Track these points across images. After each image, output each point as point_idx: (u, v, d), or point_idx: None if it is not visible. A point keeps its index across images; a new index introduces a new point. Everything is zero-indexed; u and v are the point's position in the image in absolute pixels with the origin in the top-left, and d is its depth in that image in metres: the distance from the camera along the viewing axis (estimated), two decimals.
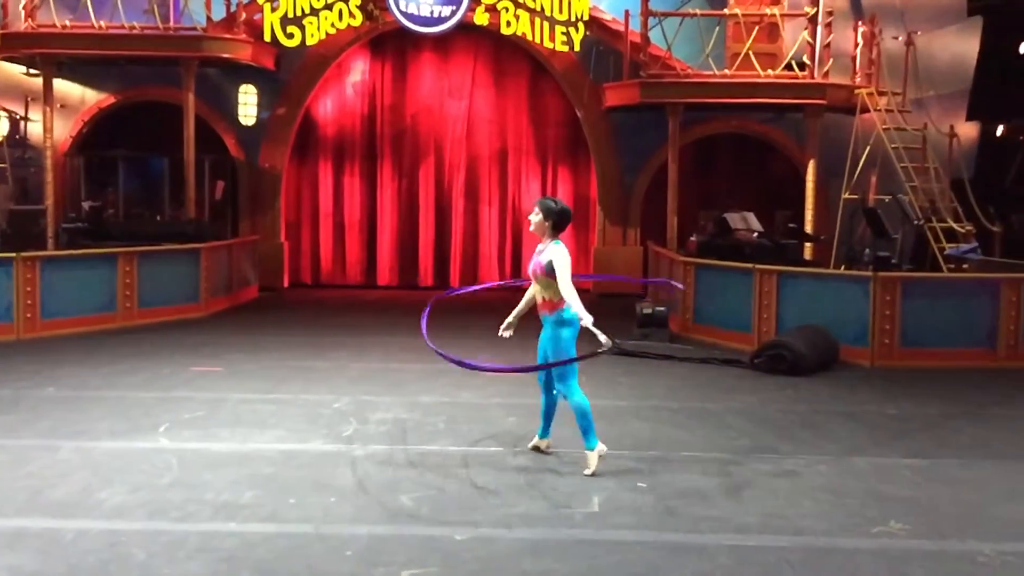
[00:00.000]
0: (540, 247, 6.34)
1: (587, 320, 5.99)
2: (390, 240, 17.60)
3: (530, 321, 6.66)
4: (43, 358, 10.13)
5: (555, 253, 6.18)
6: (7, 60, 15.07)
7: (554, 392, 6.51)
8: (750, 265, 11.67)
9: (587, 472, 6.28)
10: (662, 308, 11.94)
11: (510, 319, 6.64)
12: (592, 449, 6.34)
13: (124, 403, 8.17)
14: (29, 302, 11.30)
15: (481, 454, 6.78)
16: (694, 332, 12.12)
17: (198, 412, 7.89)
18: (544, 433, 6.77)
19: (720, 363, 10.45)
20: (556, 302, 6.22)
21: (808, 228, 14.82)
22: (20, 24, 14.56)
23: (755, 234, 13.67)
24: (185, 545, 5.01)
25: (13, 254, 11.40)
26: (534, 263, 6.33)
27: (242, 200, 16.73)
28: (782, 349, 9.99)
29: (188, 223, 14.51)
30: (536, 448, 6.78)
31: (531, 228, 6.41)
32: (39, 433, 7.20)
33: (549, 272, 6.18)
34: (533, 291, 6.46)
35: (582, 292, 6.34)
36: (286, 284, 17.04)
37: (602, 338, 5.90)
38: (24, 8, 14.53)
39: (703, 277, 12.29)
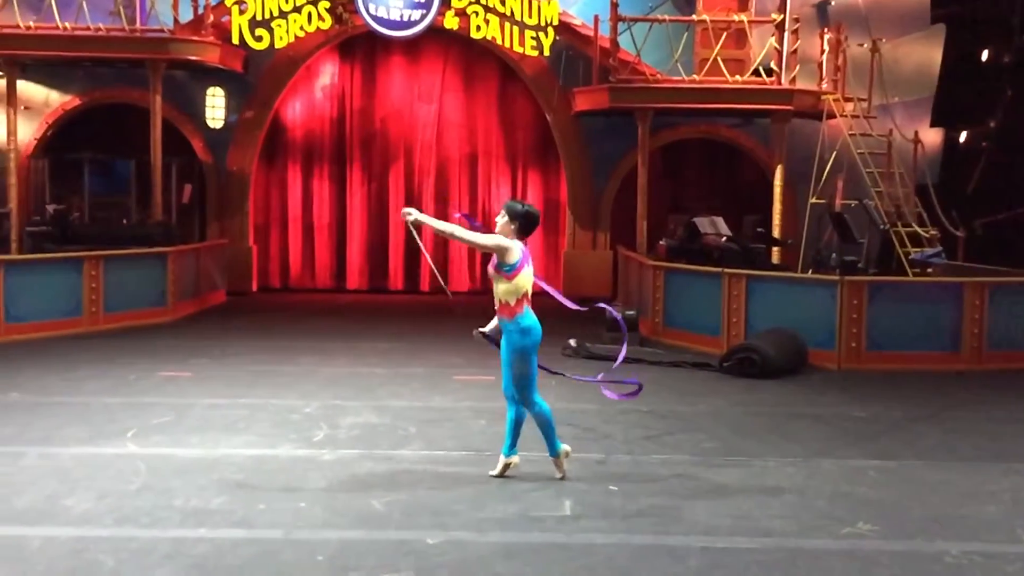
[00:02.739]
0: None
1: (413, 216, 6.01)
2: (359, 244, 17.53)
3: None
4: (6, 363, 9.98)
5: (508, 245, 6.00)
6: None
7: (523, 406, 6.22)
8: (719, 269, 11.76)
9: (558, 476, 6.28)
10: (632, 312, 11.98)
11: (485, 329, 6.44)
12: (556, 455, 6.30)
13: (90, 409, 8.07)
14: None
15: (452, 458, 6.77)
16: (664, 335, 12.19)
17: (166, 417, 7.81)
18: (511, 450, 6.28)
19: (690, 366, 10.51)
20: (513, 307, 6.11)
21: (776, 232, 14.96)
22: None
23: (724, 238, 13.77)
24: (154, 552, 4.96)
25: None
26: (490, 265, 6.20)
27: (210, 203, 16.58)
28: (751, 352, 10.07)
29: (155, 226, 14.35)
30: (504, 468, 6.24)
31: (496, 230, 6.18)
32: (3, 439, 7.09)
33: (500, 268, 6.06)
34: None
35: (535, 296, 6.26)
36: (255, 288, 16.90)
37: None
38: None
39: (672, 281, 12.36)
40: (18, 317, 11.35)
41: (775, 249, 14.85)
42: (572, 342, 11.18)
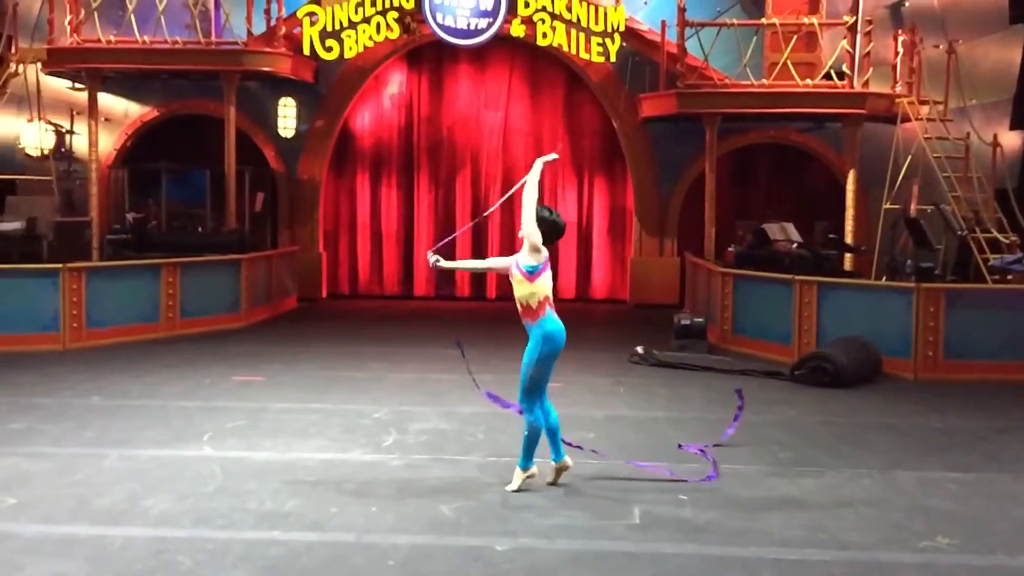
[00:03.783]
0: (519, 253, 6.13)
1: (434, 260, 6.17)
2: (427, 250, 17.62)
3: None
4: (88, 367, 10.30)
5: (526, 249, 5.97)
6: (53, 75, 15.36)
7: (547, 407, 6.23)
8: (789, 276, 11.58)
9: (508, 488, 6.12)
10: (700, 319, 11.88)
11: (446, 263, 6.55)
12: (525, 469, 6.14)
13: (168, 412, 8.28)
14: (75, 312, 11.49)
15: (537, 475, 6.75)
16: (733, 343, 12.05)
17: (240, 421, 7.97)
18: (558, 455, 6.26)
19: (760, 375, 10.37)
20: (535, 309, 6.04)
21: (848, 239, 14.66)
22: (66, 40, 14.84)
23: (794, 245, 13.55)
24: (230, 553, 5.07)
25: (59, 265, 11.61)
26: (514, 264, 6.12)
27: (281, 211, 16.91)
28: (823, 361, 9.90)
29: (229, 234, 14.68)
30: (558, 475, 6.25)
31: (520, 233, 6.13)
32: (85, 442, 7.32)
33: (523, 269, 6.01)
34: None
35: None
36: (324, 294, 17.17)
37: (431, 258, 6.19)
38: (69, 24, 14.80)
39: (741, 288, 12.22)
40: (99, 322, 11.70)
41: (847, 256, 14.56)
42: (639, 349, 11.11)
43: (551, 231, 6.12)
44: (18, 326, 11.27)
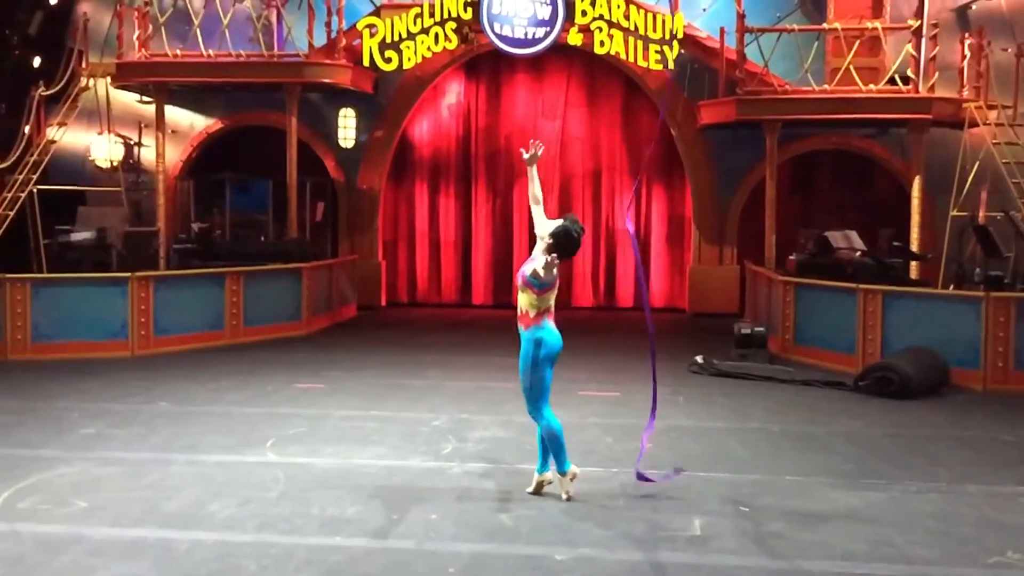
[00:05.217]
0: (533, 256, 6.09)
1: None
2: (485, 259, 17.75)
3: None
4: (155, 374, 10.54)
5: (541, 260, 5.91)
6: (122, 88, 15.80)
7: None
8: (853, 285, 11.38)
9: (564, 497, 6.09)
10: (761, 328, 11.73)
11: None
12: (564, 473, 6.12)
13: (232, 419, 8.44)
14: (143, 320, 11.78)
15: (579, 474, 6.75)
16: (794, 353, 11.87)
17: (302, 428, 8.09)
18: (543, 466, 6.24)
19: (823, 385, 10.20)
20: (533, 318, 6.00)
21: (914, 247, 14.36)
22: (134, 54, 15.26)
23: (858, 253, 13.32)
24: (293, 558, 5.14)
25: (128, 274, 11.91)
26: (521, 271, 6.09)
27: (341, 221, 17.13)
28: (889, 371, 9.70)
29: (290, 243, 14.93)
30: (539, 487, 6.22)
31: (538, 235, 6.11)
32: (153, 447, 7.49)
33: (529, 284, 5.97)
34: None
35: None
36: (383, 303, 17.33)
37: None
38: (138, 39, 15.21)
39: (804, 297, 12.04)
40: (165, 330, 11.98)
41: (913, 264, 14.25)
42: (699, 359, 11.02)
43: (565, 243, 5.98)
44: (89, 333, 11.58)
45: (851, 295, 11.18)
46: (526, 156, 6.35)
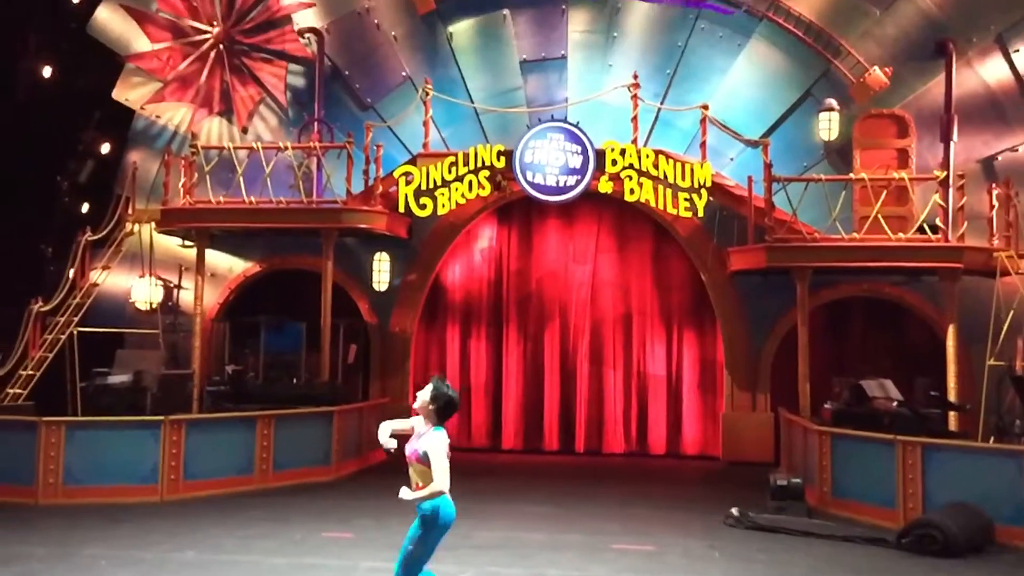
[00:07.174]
0: (419, 431, 6.02)
1: (409, 495, 5.84)
2: (515, 403, 17.65)
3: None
4: (184, 520, 10.45)
5: (432, 441, 5.87)
6: (166, 233, 16.30)
7: None
8: (891, 436, 11.17)
9: None
10: (797, 480, 11.47)
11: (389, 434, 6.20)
12: None
13: (259, 569, 8.30)
14: (173, 464, 11.77)
15: None
16: (832, 506, 11.56)
17: None
18: None
19: (864, 542, 9.88)
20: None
21: (951, 397, 14.13)
22: (179, 200, 15.81)
23: (894, 403, 13.12)
24: None
25: (161, 418, 11.97)
26: (411, 448, 5.99)
27: (374, 363, 17.22)
28: (932, 528, 9.40)
29: (322, 386, 15.00)
30: None
31: (415, 405, 6.05)
32: None
33: (424, 460, 5.90)
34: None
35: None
36: None
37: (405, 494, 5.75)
38: (183, 187, 15.81)
39: (840, 447, 11.81)
40: (195, 474, 11.94)
41: (951, 415, 13.98)
42: (735, 511, 10.75)
43: (447, 408, 6.02)
44: (119, 477, 11.58)
45: (890, 447, 10.96)
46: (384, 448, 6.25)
